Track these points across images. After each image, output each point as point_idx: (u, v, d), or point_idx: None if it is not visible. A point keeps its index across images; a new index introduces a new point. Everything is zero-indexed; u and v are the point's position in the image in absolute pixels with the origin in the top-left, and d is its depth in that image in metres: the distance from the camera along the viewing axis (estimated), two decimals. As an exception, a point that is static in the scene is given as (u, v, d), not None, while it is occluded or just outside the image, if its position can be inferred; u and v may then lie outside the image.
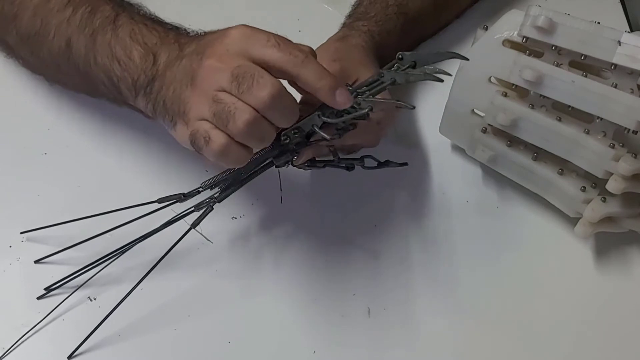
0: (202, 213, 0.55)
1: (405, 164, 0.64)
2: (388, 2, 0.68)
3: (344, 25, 0.68)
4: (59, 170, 0.64)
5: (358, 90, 0.53)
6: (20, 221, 0.61)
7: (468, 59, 0.53)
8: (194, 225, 0.55)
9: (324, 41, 0.64)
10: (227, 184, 0.55)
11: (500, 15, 0.62)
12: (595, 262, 0.65)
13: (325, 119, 0.52)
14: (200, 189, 0.56)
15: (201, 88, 0.49)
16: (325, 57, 0.60)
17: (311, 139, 0.55)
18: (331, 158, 0.59)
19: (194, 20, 0.61)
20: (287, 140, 0.54)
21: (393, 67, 0.53)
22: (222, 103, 0.48)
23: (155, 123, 0.56)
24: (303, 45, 0.50)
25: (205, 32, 0.55)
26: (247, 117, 0.47)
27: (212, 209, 0.55)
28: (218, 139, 0.48)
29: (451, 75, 0.53)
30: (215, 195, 0.55)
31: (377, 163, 0.61)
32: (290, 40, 0.49)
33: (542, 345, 0.60)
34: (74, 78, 0.62)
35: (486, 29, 0.62)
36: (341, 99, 0.50)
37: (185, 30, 0.58)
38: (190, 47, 0.53)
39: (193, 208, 0.56)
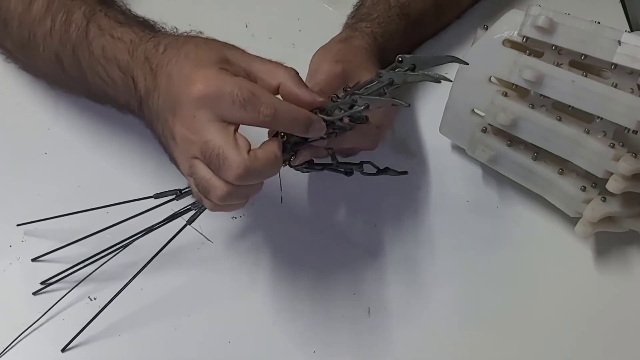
0: (198, 210, 0.55)
1: (405, 172, 0.63)
2: (390, 3, 0.68)
3: (347, 26, 0.68)
4: (59, 170, 0.64)
5: (356, 92, 0.53)
6: (20, 221, 0.61)
7: (467, 63, 0.53)
8: (190, 222, 0.55)
9: (325, 41, 0.64)
10: None
11: (500, 15, 0.62)
12: (595, 261, 0.65)
13: (322, 116, 0.52)
14: None
15: (181, 150, 0.50)
16: (328, 58, 0.60)
17: (309, 139, 0.55)
18: (330, 161, 0.59)
19: (194, 21, 0.61)
20: (285, 139, 0.54)
21: (393, 69, 0.53)
22: (196, 177, 0.49)
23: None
24: (270, 96, 0.49)
25: (165, 45, 0.53)
26: (219, 194, 0.49)
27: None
28: (207, 203, 0.51)
29: (450, 81, 0.53)
30: None
31: (376, 170, 0.61)
32: (254, 94, 0.48)
33: (543, 345, 0.60)
34: (73, 87, 0.62)
35: (486, 28, 0.62)
36: (316, 135, 0.52)
37: (149, 32, 0.56)
38: (160, 78, 0.52)
39: (190, 206, 0.56)
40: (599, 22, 0.57)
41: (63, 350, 0.56)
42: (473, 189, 0.68)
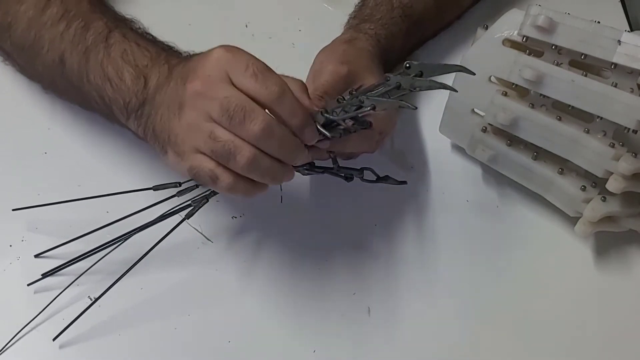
0: (196, 206, 0.55)
1: (404, 182, 0.63)
2: (393, 4, 0.68)
3: (350, 26, 0.68)
4: (59, 169, 0.64)
5: (363, 95, 0.53)
6: (20, 221, 0.61)
7: (474, 74, 0.53)
8: (187, 216, 0.55)
9: (326, 41, 0.64)
10: None
11: (500, 14, 0.62)
12: (595, 261, 0.65)
13: (327, 115, 0.52)
14: (197, 183, 0.56)
15: (190, 118, 0.49)
16: (332, 59, 0.60)
17: None
18: (330, 165, 0.59)
19: (193, 20, 0.61)
20: None
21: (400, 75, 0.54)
22: (220, 141, 0.48)
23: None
24: (280, 78, 0.50)
25: (194, 54, 0.54)
26: (247, 154, 0.48)
27: (207, 201, 0.55)
28: (225, 178, 0.50)
29: (456, 91, 0.54)
30: (211, 189, 0.55)
31: (376, 177, 0.61)
32: (268, 69, 0.49)
33: (542, 345, 0.60)
34: (68, 92, 0.62)
35: (486, 28, 0.62)
36: (307, 137, 0.51)
37: (177, 50, 0.57)
38: (178, 69, 0.53)
39: (189, 201, 0.56)
40: (598, 22, 0.57)
41: (54, 339, 0.56)
42: (473, 188, 0.68)
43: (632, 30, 0.79)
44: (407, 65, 0.52)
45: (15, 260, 0.60)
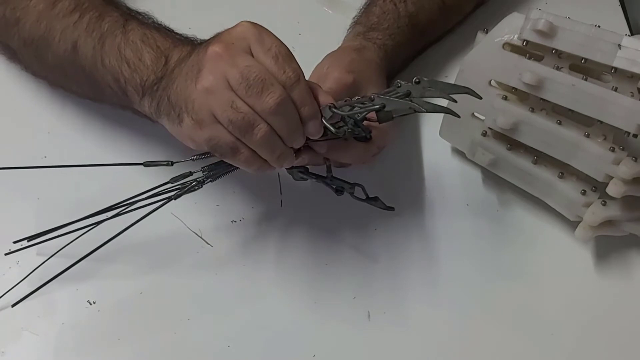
0: (189, 188, 0.55)
1: (392, 208, 0.62)
2: (399, 13, 0.68)
3: (358, 33, 0.67)
4: (58, 173, 0.64)
5: (374, 94, 0.54)
6: (19, 224, 0.61)
7: (481, 98, 0.53)
8: (176, 197, 0.55)
9: (325, 44, 0.64)
10: (215, 171, 0.56)
11: (500, 18, 0.62)
12: (595, 265, 0.65)
13: (335, 110, 0.53)
14: (191, 170, 0.56)
15: (208, 82, 0.49)
16: (339, 66, 0.60)
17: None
18: (324, 174, 0.59)
19: (193, 23, 0.61)
20: None
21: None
22: (240, 112, 0.48)
23: (157, 127, 0.56)
24: (299, 66, 0.51)
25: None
26: (264, 129, 0.49)
27: (201, 186, 0.55)
28: (245, 151, 0.50)
29: (459, 116, 0.54)
30: (204, 173, 0.55)
31: (365, 197, 0.60)
32: (290, 55, 0.50)
33: (543, 349, 0.60)
34: (79, 81, 0.62)
35: (487, 32, 0.62)
36: (312, 130, 0.52)
37: (199, 39, 0.58)
38: (199, 44, 0.54)
39: (179, 185, 0.55)
40: (599, 26, 0.57)
41: (13, 305, 0.56)
42: (473, 192, 0.68)
43: (632, 34, 0.79)
44: (417, 80, 0.53)
45: (14, 265, 0.60)
